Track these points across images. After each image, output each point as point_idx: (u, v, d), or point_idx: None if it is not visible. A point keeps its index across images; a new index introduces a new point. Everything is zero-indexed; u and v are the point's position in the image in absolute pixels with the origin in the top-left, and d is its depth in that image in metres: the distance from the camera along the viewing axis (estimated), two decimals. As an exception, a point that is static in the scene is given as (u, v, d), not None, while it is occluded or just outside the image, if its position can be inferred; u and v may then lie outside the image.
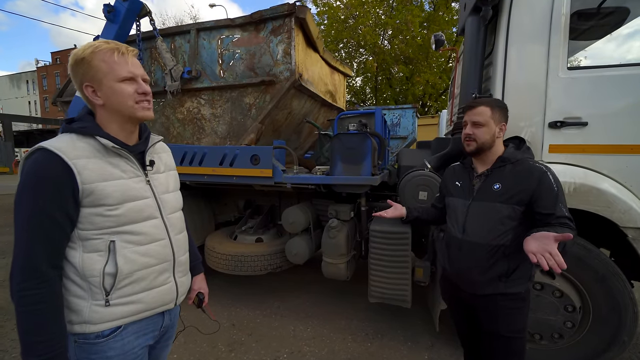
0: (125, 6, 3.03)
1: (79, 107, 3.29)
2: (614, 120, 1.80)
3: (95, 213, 0.86)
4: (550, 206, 1.20)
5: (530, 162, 1.30)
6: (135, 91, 0.91)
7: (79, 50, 0.89)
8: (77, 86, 0.91)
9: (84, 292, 0.87)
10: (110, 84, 0.89)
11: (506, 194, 1.27)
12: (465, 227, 1.37)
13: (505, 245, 1.28)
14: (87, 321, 0.87)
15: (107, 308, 0.88)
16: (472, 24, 2.15)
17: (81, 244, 0.87)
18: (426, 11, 11.75)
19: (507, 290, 1.30)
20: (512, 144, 1.40)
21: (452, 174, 1.53)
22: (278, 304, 3.09)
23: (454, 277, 1.46)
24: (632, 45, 1.97)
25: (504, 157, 1.33)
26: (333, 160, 2.46)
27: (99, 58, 0.88)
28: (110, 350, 0.90)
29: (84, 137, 0.88)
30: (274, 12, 2.72)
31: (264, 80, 2.80)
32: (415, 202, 2.19)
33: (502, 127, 1.34)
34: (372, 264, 2.39)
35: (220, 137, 3.14)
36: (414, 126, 5.37)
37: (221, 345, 2.44)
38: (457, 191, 1.44)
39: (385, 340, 2.51)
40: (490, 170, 1.34)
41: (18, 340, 0.81)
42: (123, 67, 0.89)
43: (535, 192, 1.23)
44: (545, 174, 1.24)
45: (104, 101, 0.90)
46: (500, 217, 1.28)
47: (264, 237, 3.14)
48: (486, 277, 1.31)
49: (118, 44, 0.91)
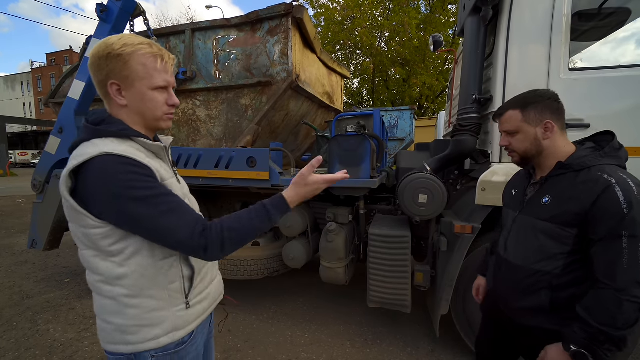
0: (118, 6, 2.97)
1: (70, 108, 3.25)
2: (617, 122, 1.77)
3: None
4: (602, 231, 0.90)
5: (600, 171, 0.95)
6: (165, 102, 0.86)
7: (115, 44, 0.78)
8: (99, 79, 0.80)
9: (163, 303, 0.84)
10: (143, 89, 0.82)
11: (554, 210, 1.01)
12: (507, 244, 1.18)
13: (553, 274, 1.01)
14: (175, 328, 0.86)
15: (188, 310, 0.88)
16: (471, 25, 2.12)
17: (152, 252, 0.81)
18: (423, 13, 11.79)
19: (551, 327, 1.04)
20: (590, 144, 1.06)
21: (514, 180, 1.30)
22: (275, 309, 3.03)
23: (495, 298, 1.27)
24: (634, 47, 1.95)
25: (565, 163, 1.02)
26: (331, 163, 2.42)
27: (138, 60, 0.80)
28: (188, 355, 0.91)
29: (123, 140, 0.80)
30: (271, 12, 2.68)
31: (260, 82, 2.76)
32: (415, 205, 2.15)
33: (547, 125, 1.05)
34: (371, 269, 2.34)
35: (216, 139, 3.09)
36: (411, 128, 5.35)
37: (217, 352, 2.37)
38: (510, 200, 1.25)
39: (384, 346, 2.46)
40: (545, 179, 1.08)
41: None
42: (162, 75, 0.83)
43: (590, 212, 0.92)
44: (610, 188, 0.89)
45: (127, 103, 0.83)
46: (544, 238, 1.03)
47: (261, 240, 3.08)
48: (523, 305, 1.09)
49: (162, 49, 0.85)
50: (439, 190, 2.11)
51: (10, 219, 7.05)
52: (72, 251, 4.75)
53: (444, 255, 2.20)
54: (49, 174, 3.34)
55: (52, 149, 3.33)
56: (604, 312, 0.88)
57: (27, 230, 5.96)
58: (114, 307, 0.81)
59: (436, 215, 2.18)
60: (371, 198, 2.96)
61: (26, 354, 2.35)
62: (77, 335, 2.59)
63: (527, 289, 1.07)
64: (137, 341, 0.82)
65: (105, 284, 0.80)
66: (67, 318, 2.86)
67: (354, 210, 2.72)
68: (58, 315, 2.91)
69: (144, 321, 0.82)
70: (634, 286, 0.86)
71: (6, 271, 4.01)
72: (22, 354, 2.35)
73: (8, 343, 2.47)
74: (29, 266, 4.20)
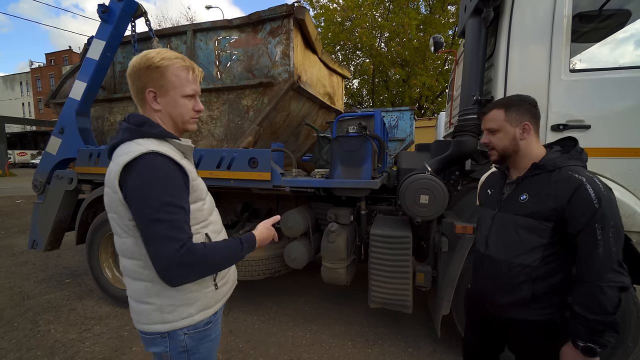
0: (120, 6, 2.98)
1: (72, 109, 3.24)
2: (617, 123, 1.79)
3: (196, 209, 0.96)
4: (578, 225, 1.01)
5: (570, 170, 1.07)
6: (193, 108, 1.00)
7: (154, 58, 0.92)
8: (138, 87, 0.94)
9: (195, 285, 0.96)
10: (175, 97, 0.96)
11: (532, 207, 1.11)
12: (488, 241, 1.25)
13: (532, 266, 1.10)
14: (206, 306, 0.99)
15: (217, 291, 1.02)
16: (473, 26, 2.13)
17: None
18: (422, 14, 11.80)
19: (535, 318, 1.13)
20: (558, 147, 1.17)
21: (488, 181, 1.40)
22: (276, 309, 3.04)
23: (478, 294, 1.34)
24: (634, 48, 1.96)
25: (539, 164, 1.13)
26: (333, 163, 2.42)
27: (173, 72, 0.94)
28: (213, 332, 1.05)
29: (161, 140, 0.93)
30: (272, 13, 2.69)
31: (262, 82, 2.76)
32: (417, 205, 2.15)
33: (525, 126, 1.15)
34: (373, 269, 2.35)
35: (217, 140, 3.09)
36: (411, 128, 5.36)
37: (218, 353, 2.36)
38: (487, 200, 1.33)
39: (385, 346, 2.47)
40: (521, 179, 1.18)
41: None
42: (191, 85, 0.98)
43: (566, 208, 1.03)
44: (582, 186, 1.01)
45: (162, 108, 0.96)
46: (523, 233, 1.12)
47: (262, 241, 3.08)
48: (508, 299, 1.16)
49: (192, 63, 0.99)
50: (441, 190, 2.11)
51: (9, 219, 7.04)
52: (73, 252, 4.75)
53: (445, 256, 2.21)
54: (50, 174, 3.34)
55: (53, 150, 3.33)
56: (594, 303, 0.98)
57: (26, 230, 5.97)
58: (153, 288, 0.91)
59: (437, 215, 2.19)
60: (372, 198, 2.96)
61: (27, 354, 2.35)
62: (79, 335, 2.59)
63: (510, 282, 1.16)
64: (173, 319, 0.93)
65: (144, 268, 0.90)
66: (68, 318, 2.86)
67: (355, 211, 2.72)
68: (59, 315, 2.91)
69: (179, 301, 0.93)
70: (610, 272, 0.98)
71: (6, 272, 4.00)
72: (24, 354, 2.35)
73: (9, 344, 2.47)
74: (29, 267, 4.19)
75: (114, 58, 3.35)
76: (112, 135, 3.67)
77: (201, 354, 1.01)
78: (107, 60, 3.20)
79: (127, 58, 3.49)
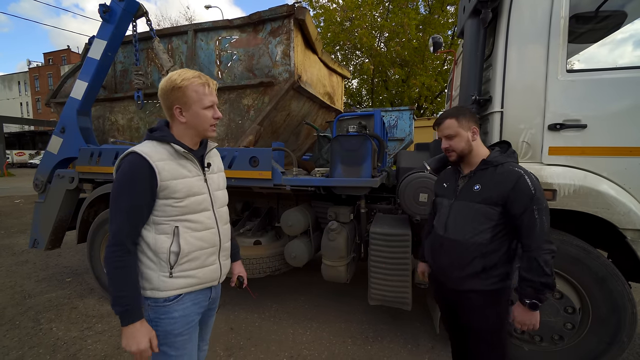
0: (121, 6, 3.00)
1: (73, 108, 3.26)
2: (613, 123, 1.81)
3: (166, 204, 1.10)
4: (521, 208, 1.26)
5: (511, 165, 1.34)
6: (212, 116, 1.16)
7: (176, 80, 1.10)
8: (167, 106, 1.13)
9: (154, 265, 1.11)
10: (197, 110, 1.13)
11: (484, 194, 1.34)
12: (446, 225, 1.44)
13: (483, 243, 1.33)
14: (156, 288, 1.11)
15: (170, 279, 1.12)
16: (471, 27, 2.16)
17: (154, 227, 1.11)
18: (422, 14, 11.82)
19: (483, 288, 1.36)
20: (498, 148, 1.47)
21: (443, 177, 1.62)
22: (276, 307, 3.06)
23: (438, 274, 1.54)
24: (630, 49, 1.99)
25: (487, 160, 1.39)
26: (333, 162, 2.45)
27: (192, 89, 1.10)
28: (175, 312, 1.14)
29: (162, 143, 1.12)
30: (273, 14, 2.71)
31: (262, 82, 2.79)
32: (416, 204, 2.18)
33: (474, 130, 1.41)
34: (372, 267, 2.37)
35: (218, 139, 3.11)
36: (411, 128, 5.38)
37: (219, 350, 2.40)
38: (444, 191, 1.53)
39: (385, 343, 2.49)
40: (473, 172, 1.41)
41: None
42: (209, 97, 1.14)
43: (511, 194, 1.28)
44: (522, 177, 1.28)
45: (187, 120, 1.13)
46: (477, 216, 1.34)
47: (262, 239, 3.10)
48: (464, 273, 1.38)
49: (208, 79, 1.15)
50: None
51: (9, 219, 7.04)
52: (73, 251, 4.76)
53: (444, 253, 2.23)
54: (51, 173, 3.36)
55: (54, 149, 3.35)
56: (536, 268, 1.23)
57: (26, 230, 5.97)
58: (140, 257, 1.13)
59: (436, 213, 2.22)
60: (371, 197, 2.99)
61: (30, 352, 2.36)
62: (80, 333, 2.60)
63: (465, 258, 1.37)
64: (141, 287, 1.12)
65: None
66: (69, 317, 2.87)
67: (355, 209, 2.75)
68: (60, 314, 2.92)
69: (142, 274, 1.12)
70: (545, 243, 1.24)
71: (7, 271, 4.01)
72: (26, 352, 2.36)
73: (11, 342, 2.49)
74: (30, 266, 4.20)
75: (115, 58, 3.37)
76: (112, 134, 3.69)
77: (161, 328, 1.12)
78: (108, 60, 3.21)
79: (128, 57, 3.51)
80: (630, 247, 1.81)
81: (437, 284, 1.59)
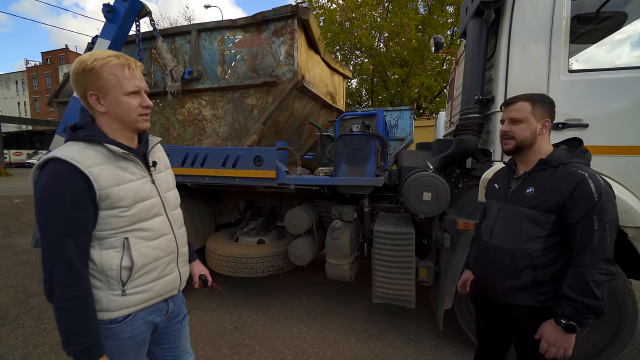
0: (124, 6, 3.00)
1: (76, 107, 3.26)
2: (614, 122, 1.84)
3: (111, 215, 0.93)
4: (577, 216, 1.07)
5: (575, 167, 1.14)
6: (139, 104, 0.98)
7: (87, 60, 0.91)
8: (80, 93, 0.94)
9: (101, 284, 0.94)
10: (117, 96, 0.94)
11: (537, 199, 1.17)
12: (493, 230, 1.31)
13: (533, 255, 1.17)
14: (105, 309, 0.95)
15: (123, 297, 0.97)
16: (474, 27, 2.18)
17: (98, 242, 0.94)
18: (421, 14, 11.87)
19: (532, 304, 1.19)
20: (564, 146, 1.26)
21: (495, 177, 1.46)
22: (280, 305, 3.08)
23: (480, 281, 1.41)
24: (630, 49, 2.02)
25: (545, 160, 1.20)
26: (337, 162, 2.47)
27: (109, 71, 0.92)
28: (123, 334, 0.99)
29: (91, 144, 0.93)
30: (277, 14, 2.73)
31: (266, 82, 2.80)
32: (420, 202, 2.20)
33: (546, 123, 1.22)
34: (376, 265, 2.39)
35: (222, 139, 3.13)
36: (411, 128, 5.41)
37: (224, 349, 2.41)
38: (494, 193, 1.39)
39: (389, 341, 2.51)
40: (528, 173, 1.24)
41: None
42: (131, 81, 0.95)
43: (568, 200, 1.09)
44: (584, 181, 1.08)
45: (106, 109, 0.95)
46: (526, 223, 1.19)
47: (266, 238, 3.13)
48: (509, 285, 1.22)
49: (128, 59, 0.96)
50: (443, 188, 2.17)
51: (8, 219, 7.02)
52: (74, 250, 4.75)
53: (447, 252, 2.26)
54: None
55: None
56: (583, 286, 1.05)
57: (26, 230, 5.96)
58: None
59: (440, 212, 2.24)
60: (373, 196, 3.01)
61: (35, 351, 2.37)
62: (85, 332, 2.61)
63: (512, 268, 1.21)
64: None
65: None
66: (73, 316, 2.87)
67: (358, 208, 2.77)
68: (64, 313, 2.93)
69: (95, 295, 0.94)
70: (602, 261, 1.05)
71: (9, 270, 4.00)
72: (31, 351, 2.37)
73: (16, 341, 2.49)
74: (32, 265, 4.20)
75: (118, 57, 3.37)
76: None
77: (108, 350, 0.95)
78: (111, 59, 3.21)
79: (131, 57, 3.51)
80: (631, 244, 1.83)
81: (479, 292, 1.45)
